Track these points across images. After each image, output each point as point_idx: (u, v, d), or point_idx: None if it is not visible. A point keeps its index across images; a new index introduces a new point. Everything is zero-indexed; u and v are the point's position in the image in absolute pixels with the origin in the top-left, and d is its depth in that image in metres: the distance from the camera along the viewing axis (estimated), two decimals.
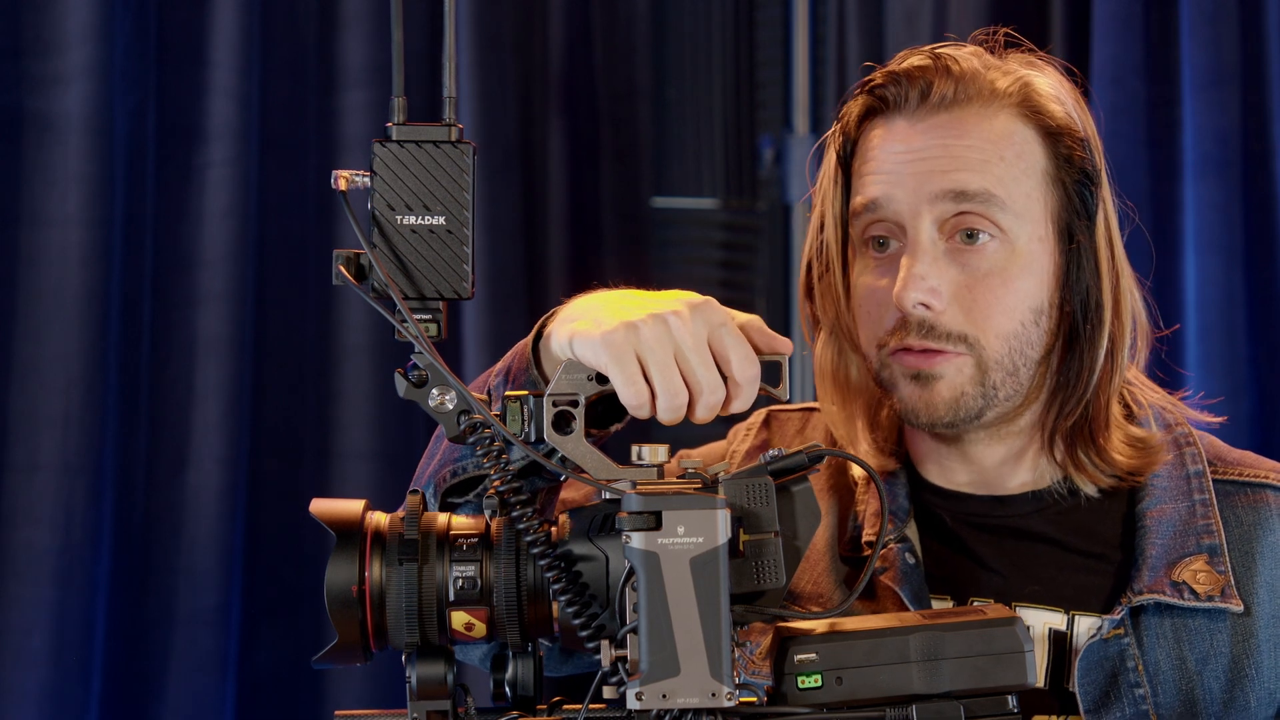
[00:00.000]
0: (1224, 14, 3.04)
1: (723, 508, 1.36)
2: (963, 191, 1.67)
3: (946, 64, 1.71)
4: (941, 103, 1.70)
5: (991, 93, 1.70)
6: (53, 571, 2.83)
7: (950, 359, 1.68)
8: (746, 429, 1.84)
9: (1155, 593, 1.68)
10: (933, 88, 1.70)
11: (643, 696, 1.35)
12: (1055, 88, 1.73)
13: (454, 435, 1.43)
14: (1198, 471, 1.74)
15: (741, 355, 1.43)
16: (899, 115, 1.71)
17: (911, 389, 1.69)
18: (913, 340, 1.67)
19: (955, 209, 1.68)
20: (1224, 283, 3.03)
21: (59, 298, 2.86)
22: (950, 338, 1.67)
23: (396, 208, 1.41)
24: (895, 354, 1.69)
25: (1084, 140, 1.72)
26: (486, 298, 3.05)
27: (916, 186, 1.68)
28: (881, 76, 1.73)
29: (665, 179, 3.41)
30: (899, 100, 1.71)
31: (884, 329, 1.69)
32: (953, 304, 1.67)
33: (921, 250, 1.67)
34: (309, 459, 3.04)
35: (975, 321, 1.68)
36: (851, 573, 1.72)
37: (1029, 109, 1.71)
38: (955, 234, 1.68)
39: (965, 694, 1.41)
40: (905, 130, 1.70)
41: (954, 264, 1.68)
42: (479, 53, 3.09)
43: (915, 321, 1.67)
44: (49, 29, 2.88)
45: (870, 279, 1.72)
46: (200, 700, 2.92)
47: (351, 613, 1.41)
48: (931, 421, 1.69)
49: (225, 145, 2.95)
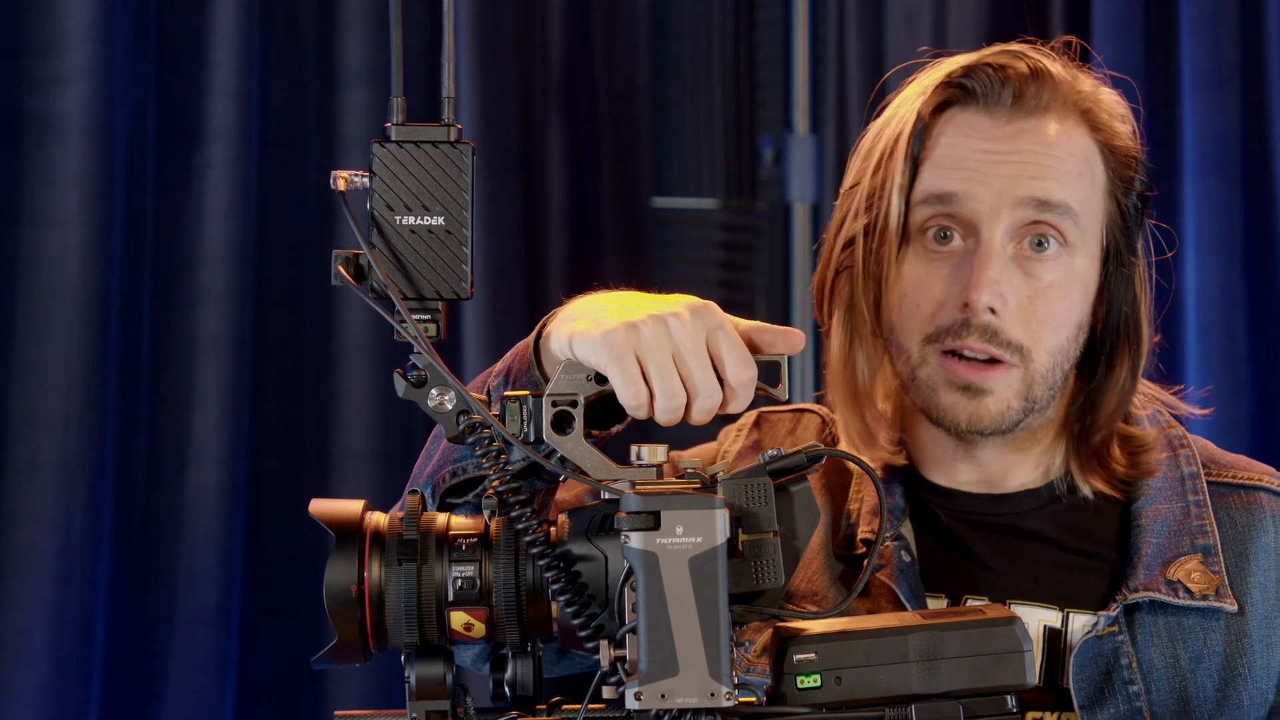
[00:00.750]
0: (1224, 14, 3.04)
1: (721, 508, 1.36)
2: (1047, 201, 1.67)
3: (1036, 65, 1.69)
4: (1033, 107, 1.68)
5: (1074, 105, 1.70)
6: (53, 571, 2.83)
7: (1004, 371, 1.67)
8: (737, 430, 1.84)
9: (1150, 590, 1.68)
10: (1026, 89, 1.68)
11: (641, 696, 1.35)
12: (1120, 105, 1.74)
13: (453, 435, 1.43)
14: (1192, 473, 1.74)
15: (737, 359, 1.43)
16: (983, 112, 1.69)
17: (957, 397, 1.68)
18: (974, 342, 1.66)
19: (1034, 216, 1.67)
20: (1224, 283, 3.03)
21: (59, 298, 2.86)
22: (1009, 346, 1.67)
23: (396, 208, 1.41)
24: (946, 357, 1.68)
25: (1140, 162, 1.73)
26: (486, 298, 3.05)
27: (1002, 188, 1.67)
28: (963, 69, 1.70)
29: (665, 179, 3.40)
30: (988, 95, 1.69)
31: (936, 325, 1.68)
32: (1015, 313, 1.67)
33: (995, 254, 1.66)
34: (309, 459, 3.04)
35: (1032, 333, 1.67)
36: (846, 571, 1.72)
37: (1098, 124, 1.71)
38: (1023, 240, 1.68)
39: (964, 694, 1.41)
40: (990, 128, 1.68)
41: (1019, 272, 1.67)
42: (479, 53, 3.09)
43: (979, 325, 1.66)
44: (49, 29, 2.88)
45: (923, 270, 1.69)
46: (200, 700, 2.92)
47: (351, 613, 1.41)
48: (971, 430, 1.69)
49: (225, 145, 2.95)
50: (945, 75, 1.71)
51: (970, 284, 1.66)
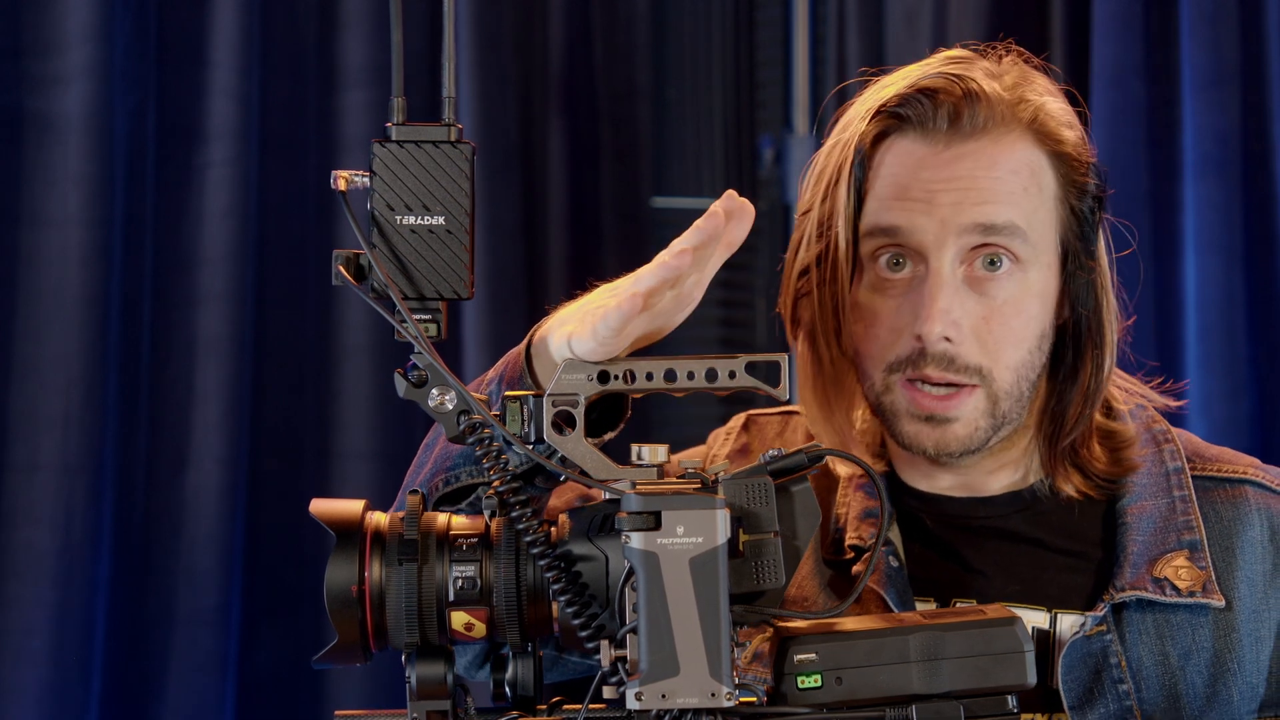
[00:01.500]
0: (1224, 14, 3.04)
1: (722, 508, 1.36)
2: (991, 224, 1.66)
3: (969, 86, 1.68)
4: (971, 129, 1.67)
5: (1013, 120, 1.68)
6: (53, 571, 2.83)
7: (966, 396, 1.67)
8: (726, 433, 1.84)
9: (1137, 589, 1.68)
10: (961, 113, 1.67)
11: (642, 696, 1.35)
12: (1067, 111, 1.73)
13: (453, 435, 1.43)
14: (1176, 468, 1.74)
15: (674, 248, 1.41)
16: (921, 139, 1.68)
17: (920, 427, 1.68)
18: (931, 371, 1.66)
19: (980, 240, 1.66)
20: (1224, 283, 3.03)
21: (59, 298, 2.86)
22: (968, 370, 1.66)
23: (396, 208, 1.41)
24: (908, 386, 1.68)
25: (1092, 165, 1.72)
26: (486, 298, 3.05)
27: (945, 217, 1.66)
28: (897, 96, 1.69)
29: (665, 179, 3.40)
30: (924, 122, 1.68)
31: (895, 355, 1.68)
32: (970, 337, 1.66)
33: (944, 282, 1.66)
34: (309, 459, 3.04)
35: (990, 353, 1.67)
36: (835, 576, 1.72)
37: (1044, 134, 1.69)
38: (974, 262, 1.67)
39: (965, 694, 1.41)
40: (929, 156, 1.68)
41: (971, 294, 1.67)
42: (479, 53, 3.09)
43: (935, 355, 1.66)
44: (49, 29, 2.88)
45: (879, 300, 1.69)
46: (200, 700, 2.92)
47: (351, 613, 1.41)
48: (939, 455, 1.69)
49: (225, 145, 2.96)
50: (880, 103, 1.70)
51: (921, 316, 1.66)
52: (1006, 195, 1.67)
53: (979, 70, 1.70)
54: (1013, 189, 1.67)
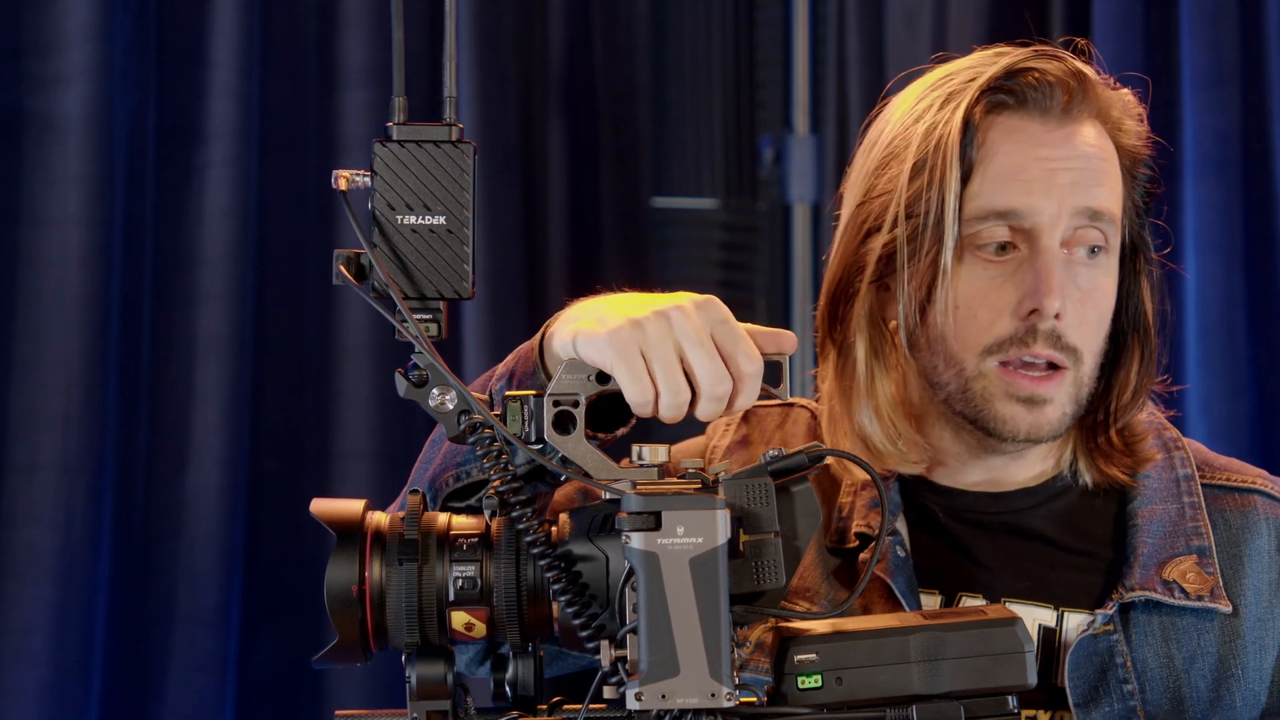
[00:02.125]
0: (1224, 14, 3.04)
1: (722, 508, 1.36)
2: (1099, 210, 1.67)
3: (1079, 75, 1.69)
4: (1079, 110, 1.68)
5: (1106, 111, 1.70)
6: (53, 571, 2.83)
7: (1061, 378, 1.67)
8: (726, 424, 1.82)
9: (1147, 590, 1.68)
10: (1073, 92, 1.68)
11: (642, 697, 1.35)
12: (1136, 105, 1.74)
13: (454, 435, 1.43)
14: (1187, 475, 1.75)
15: (744, 350, 1.43)
16: (1034, 117, 1.68)
17: (1016, 409, 1.67)
18: (1040, 349, 1.66)
19: (1086, 224, 1.67)
20: (1224, 283, 3.03)
21: (59, 298, 2.87)
22: (1069, 350, 1.67)
23: (397, 207, 1.41)
24: (1004, 369, 1.67)
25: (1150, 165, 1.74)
26: (486, 298, 3.05)
27: (1061, 197, 1.66)
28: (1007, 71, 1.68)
29: (665, 179, 3.40)
30: (1039, 100, 1.68)
31: (994, 336, 1.67)
32: (1071, 318, 1.67)
33: (1056, 259, 1.66)
34: (309, 459, 3.04)
35: (1084, 337, 1.68)
36: (840, 566, 1.72)
37: (1117, 125, 1.71)
38: (1077, 247, 1.67)
39: (965, 694, 1.41)
40: (1043, 134, 1.67)
41: (1070, 278, 1.67)
42: (479, 53, 3.09)
43: (1046, 331, 1.66)
44: (49, 29, 2.88)
45: (980, 280, 1.68)
46: (200, 700, 2.92)
47: (351, 612, 1.41)
48: (1031, 439, 1.69)
49: (225, 145, 2.96)
50: (989, 79, 1.68)
51: (1038, 290, 1.65)
52: (1112, 181, 1.69)
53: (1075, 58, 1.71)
54: (1114, 175, 1.69)
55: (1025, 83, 1.68)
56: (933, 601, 1.70)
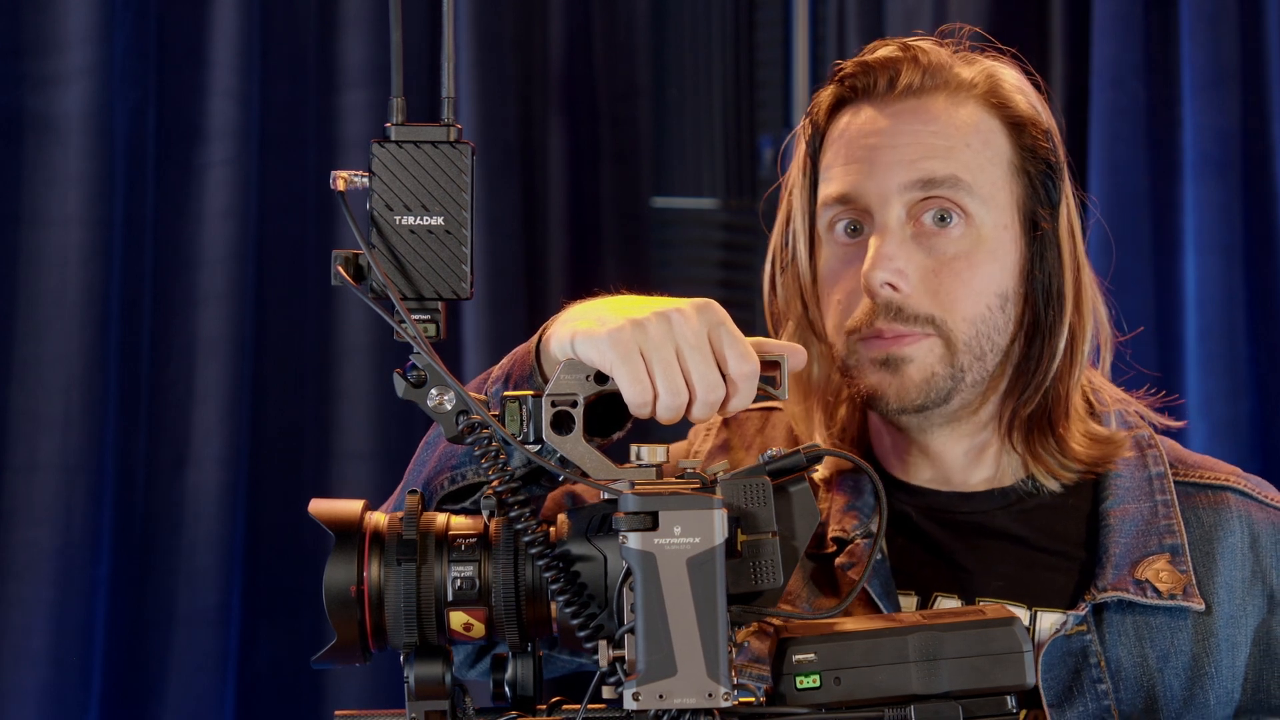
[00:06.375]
0: (1224, 14, 3.04)
1: (719, 508, 1.36)
2: (930, 179, 1.69)
3: (915, 54, 1.72)
4: (909, 90, 1.71)
5: (958, 83, 1.72)
6: (53, 571, 2.84)
7: (918, 340, 1.68)
8: (707, 429, 1.84)
9: (1119, 590, 1.68)
10: (900, 75, 1.71)
11: (640, 697, 1.35)
12: (1019, 79, 1.76)
13: (452, 436, 1.43)
14: (1159, 473, 1.75)
15: (739, 352, 1.44)
16: (866, 103, 1.73)
17: (880, 374, 1.69)
18: (882, 324, 1.68)
19: (923, 195, 1.69)
20: (1224, 283, 3.03)
21: (59, 298, 2.87)
22: (918, 320, 1.68)
23: (395, 208, 1.41)
24: (864, 340, 1.69)
25: (1047, 131, 1.74)
26: (486, 298, 3.05)
27: (885, 176, 1.69)
28: (850, 66, 1.74)
29: (665, 179, 3.41)
30: (867, 88, 1.72)
31: (851, 316, 1.70)
32: (920, 287, 1.68)
33: (889, 233, 1.69)
34: (309, 459, 3.04)
35: (942, 304, 1.68)
36: (817, 569, 1.72)
37: (994, 99, 1.73)
38: (924, 215, 1.69)
39: (964, 694, 1.41)
40: (872, 117, 1.72)
41: (920, 248, 1.69)
42: (479, 53, 3.09)
43: (883, 304, 1.68)
44: (49, 29, 2.88)
45: (838, 265, 1.73)
46: (200, 700, 2.92)
47: (350, 613, 1.41)
48: (901, 405, 1.69)
49: (225, 145, 2.96)
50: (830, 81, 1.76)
51: (866, 264, 1.68)
52: (946, 150, 1.70)
53: (928, 41, 1.75)
54: (953, 144, 1.70)
55: (855, 75, 1.73)
56: (909, 603, 1.71)
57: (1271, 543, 1.73)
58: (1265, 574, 1.72)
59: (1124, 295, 1.93)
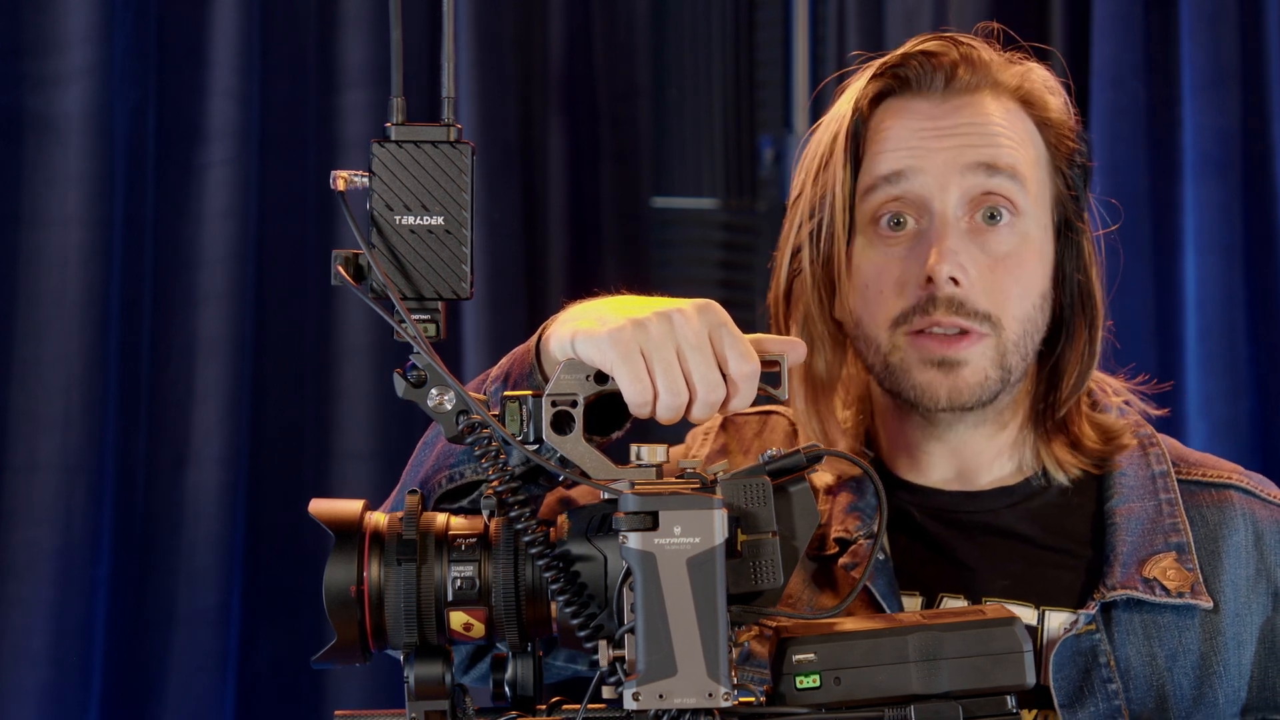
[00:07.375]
0: (1224, 14, 3.04)
1: (720, 508, 1.36)
2: (994, 164, 1.69)
3: (964, 49, 1.72)
4: (962, 86, 1.71)
5: (1000, 82, 1.72)
6: (53, 571, 2.84)
7: (976, 341, 1.68)
8: (704, 433, 1.83)
9: (1128, 588, 1.68)
10: (957, 71, 1.71)
11: (640, 696, 1.35)
12: (1051, 79, 1.76)
13: (452, 435, 1.43)
14: (1162, 471, 1.75)
15: (740, 352, 1.43)
16: (919, 97, 1.72)
17: (933, 375, 1.68)
18: (941, 316, 1.67)
19: (985, 184, 1.68)
20: (1224, 283, 3.03)
21: (59, 298, 2.87)
22: (978, 316, 1.68)
23: (395, 208, 1.41)
24: (916, 337, 1.68)
25: (1078, 134, 1.75)
26: (486, 298, 3.05)
27: (947, 159, 1.69)
28: (896, 58, 1.73)
29: (665, 179, 3.41)
30: (921, 81, 1.71)
31: (901, 308, 1.68)
32: (978, 283, 1.68)
33: (950, 226, 1.68)
34: (309, 459, 3.04)
35: (998, 302, 1.68)
36: (818, 571, 1.72)
37: (1030, 100, 1.73)
38: (976, 213, 1.69)
39: (964, 694, 1.41)
40: (928, 109, 1.71)
41: (974, 244, 1.69)
42: (479, 53, 3.09)
43: (945, 298, 1.67)
44: (49, 29, 2.88)
45: (880, 256, 1.71)
46: (200, 700, 2.92)
47: (350, 613, 1.41)
48: (952, 406, 1.69)
49: (225, 145, 2.96)
50: (879, 67, 1.73)
51: (930, 257, 1.67)
52: (1006, 141, 1.70)
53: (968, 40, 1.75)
54: (1011, 138, 1.70)
55: (909, 66, 1.72)
56: (914, 603, 1.71)
57: (1275, 540, 1.73)
58: (1269, 571, 1.72)
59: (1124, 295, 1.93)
